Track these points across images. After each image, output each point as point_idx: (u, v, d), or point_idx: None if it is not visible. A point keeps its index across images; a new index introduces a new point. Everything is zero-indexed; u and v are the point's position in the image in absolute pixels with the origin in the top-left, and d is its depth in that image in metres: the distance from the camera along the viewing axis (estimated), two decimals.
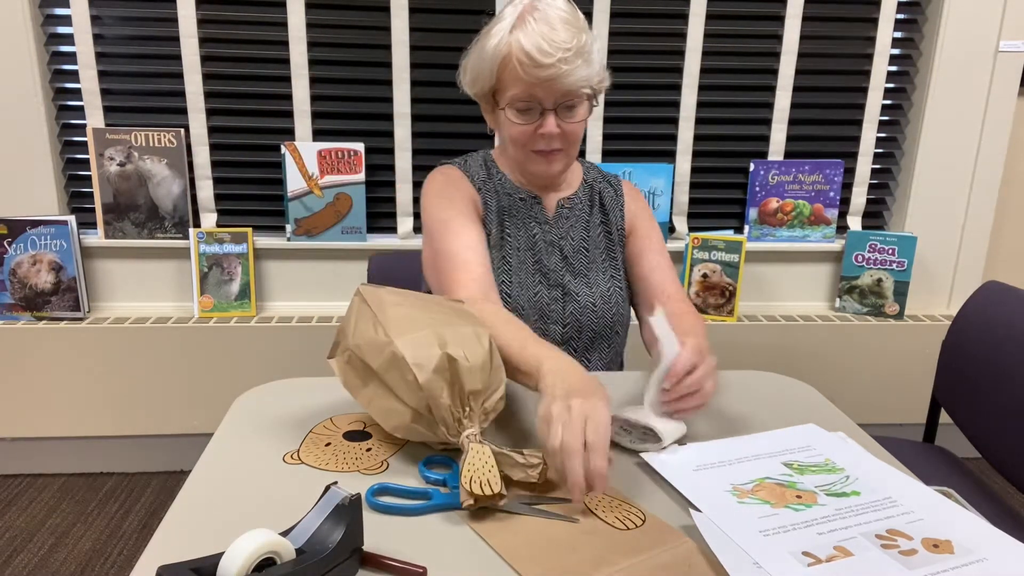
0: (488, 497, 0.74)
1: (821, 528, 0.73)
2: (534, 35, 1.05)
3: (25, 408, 2.05)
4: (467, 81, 1.17)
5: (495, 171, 1.26)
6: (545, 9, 1.08)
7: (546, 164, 1.17)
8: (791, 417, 1.01)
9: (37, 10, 1.96)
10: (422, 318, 0.88)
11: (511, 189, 1.24)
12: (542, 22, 1.06)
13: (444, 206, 1.18)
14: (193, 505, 0.77)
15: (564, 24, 1.07)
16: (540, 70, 1.06)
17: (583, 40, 1.07)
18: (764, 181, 2.22)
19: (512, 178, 1.25)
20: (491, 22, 1.13)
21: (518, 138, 1.14)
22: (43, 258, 2.03)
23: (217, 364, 2.06)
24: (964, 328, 1.40)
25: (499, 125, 1.18)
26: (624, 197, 1.31)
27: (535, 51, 1.05)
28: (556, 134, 1.12)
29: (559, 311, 1.20)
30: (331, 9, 2.04)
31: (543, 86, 1.08)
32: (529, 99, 1.10)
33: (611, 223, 1.28)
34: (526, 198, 1.24)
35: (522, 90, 1.09)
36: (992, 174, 2.24)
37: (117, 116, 2.06)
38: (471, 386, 0.83)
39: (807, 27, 2.15)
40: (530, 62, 1.05)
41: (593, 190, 1.29)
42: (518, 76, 1.08)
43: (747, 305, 2.29)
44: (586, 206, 1.28)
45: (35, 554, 1.79)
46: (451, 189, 1.21)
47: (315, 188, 2.10)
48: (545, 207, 1.25)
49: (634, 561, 0.68)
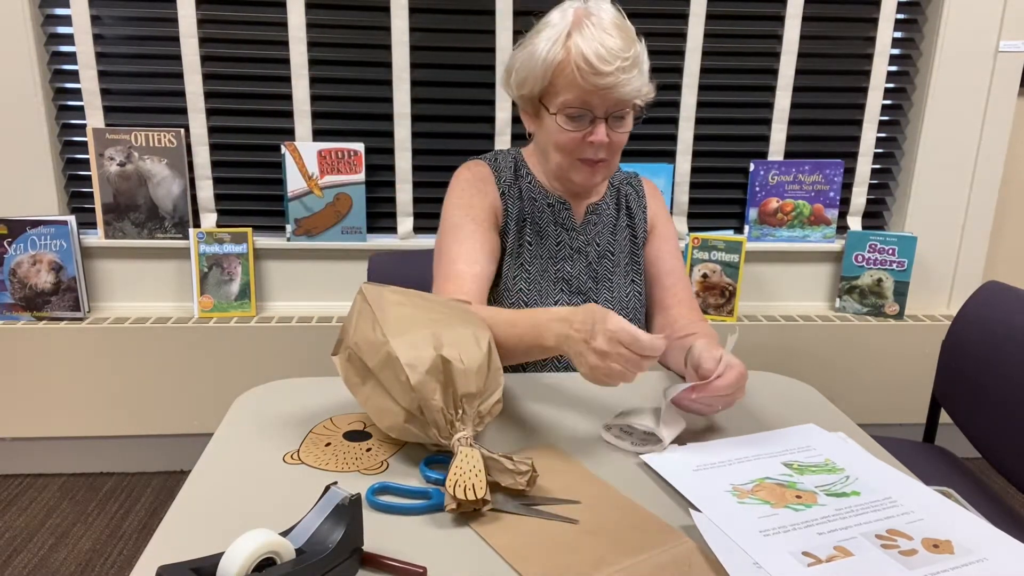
0: (472, 502, 0.74)
1: (821, 528, 0.73)
2: (592, 41, 1.03)
3: (25, 408, 2.05)
4: (515, 82, 1.14)
5: (524, 172, 1.23)
6: (601, 15, 1.06)
7: (590, 174, 1.14)
8: (791, 417, 1.01)
9: (37, 10, 1.96)
10: (421, 318, 0.88)
11: (539, 194, 1.22)
12: (599, 28, 1.04)
13: (462, 209, 1.17)
14: (193, 505, 0.77)
15: (619, 31, 1.05)
16: (599, 77, 1.04)
17: (637, 50, 1.06)
18: (764, 181, 2.22)
19: (543, 182, 1.23)
20: (539, 24, 1.11)
21: (566, 145, 1.12)
22: (43, 258, 2.03)
23: (217, 364, 2.06)
24: (964, 328, 1.40)
25: (543, 130, 1.15)
26: (646, 198, 1.30)
27: (595, 58, 1.03)
28: (605, 143, 1.10)
29: None
30: (331, 9, 2.04)
31: (599, 94, 1.06)
32: (582, 106, 1.07)
33: (636, 225, 1.28)
34: (555, 204, 1.22)
35: (576, 96, 1.07)
36: (992, 174, 2.24)
37: (117, 116, 2.06)
38: (465, 389, 0.83)
39: (807, 27, 2.15)
40: (589, 69, 1.03)
41: (620, 193, 1.28)
42: (574, 82, 1.05)
43: (747, 305, 2.29)
44: (613, 210, 1.27)
45: (35, 554, 1.79)
46: (473, 191, 1.19)
47: (315, 188, 2.10)
48: (574, 214, 1.23)
49: (634, 561, 0.68)
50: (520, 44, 1.12)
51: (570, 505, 0.78)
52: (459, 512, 0.75)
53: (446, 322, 0.88)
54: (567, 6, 1.09)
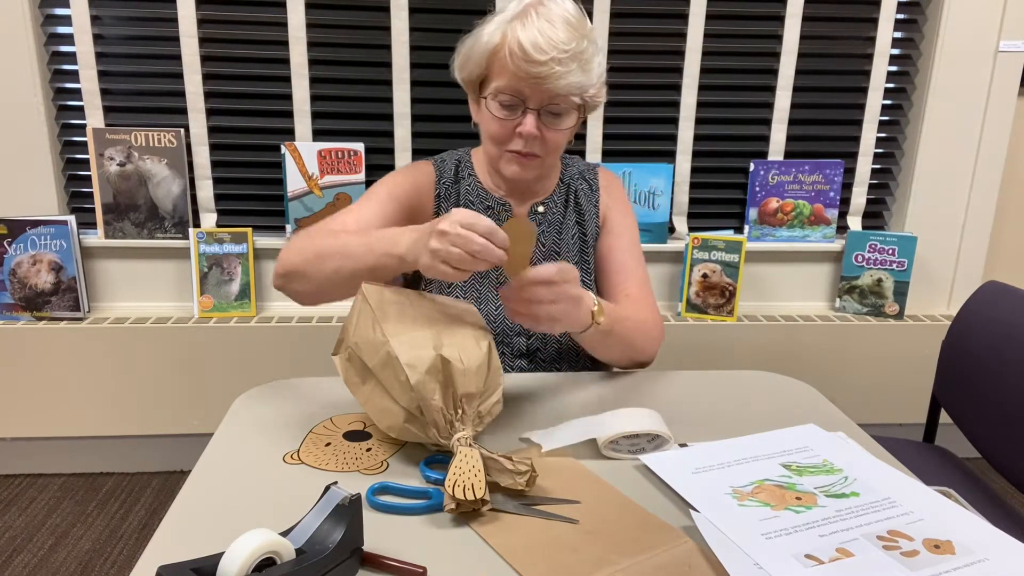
0: (471, 502, 0.74)
1: (823, 530, 0.72)
2: (532, 29, 1.01)
3: (25, 408, 2.05)
4: (457, 64, 1.13)
5: (467, 174, 1.21)
6: (551, 7, 1.04)
7: (519, 168, 1.11)
8: (791, 417, 1.01)
9: (37, 10, 1.96)
10: (421, 318, 0.88)
11: (480, 195, 1.19)
12: (544, 18, 1.02)
13: (387, 185, 1.16)
14: (193, 505, 0.77)
15: (566, 25, 1.02)
16: (530, 65, 1.01)
17: (583, 46, 1.03)
18: (764, 181, 2.22)
19: (485, 182, 1.20)
20: (495, 12, 1.10)
21: (496, 134, 1.09)
22: (43, 258, 2.03)
23: (217, 364, 2.06)
24: (964, 328, 1.40)
25: (480, 118, 1.13)
26: (600, 191, 1.25)
27: (529, 45, 1.00)
28: (534, 136, 1.06)
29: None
30: (331, 9, 2.04)
31: (530, 83, 1.03)
32: (514, 94, 1.05)
33: (586, 223, 1.23)
34: (494, 206, 1.19)
35: (508, 83, 1.05)
36: (992, 174, 2.24)
37: (117, 116, 2.06)
38: (464, 389, 0.83)
39: (807, 27, 2.15)
40: (522, 55, 1.01)
41: (569, 189, 1.23)
42: (507, 67, 1.04)
43: (747, 305, 2.29)
44: (560, 208, 1.22)
45: (35, 554, 1.79)
46: (408, 182, 1.18)
47: (315, 188, 2.10)
48: (515, 215, 1.19)
49: (634, 561, 0.68)
50: (475, 28, 1.11)
51: (570, 505, 0.78)
52: (458, 512, 0.75)
53: (446, 322, 0.88)
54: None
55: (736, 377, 1.16)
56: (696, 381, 1.14)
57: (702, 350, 2.15)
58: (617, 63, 2.11)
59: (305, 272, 1.03)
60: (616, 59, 2.11)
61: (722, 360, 2.16)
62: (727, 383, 1.13)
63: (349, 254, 0.98)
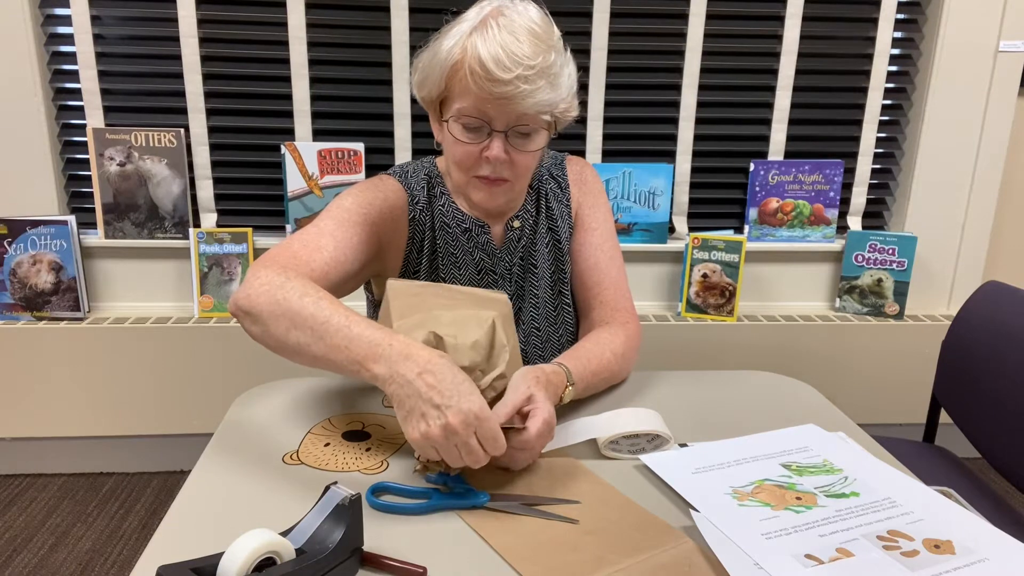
0: (438, 463, 0.79)
1: (823, 530, 0.72)
2: (493, 44, 0.91)
3: (25, 408, 2.05)
4: (415, 82, 1.02)
5: (439, 192, 1.10)
6: (513, 17, 0.93)
7: (488, 194, 1.02)
8: (791, 417, 1.01)
9: (37, 10, 1.96)
10: (431, 303, 0.90)
11: (453, 219, 1.09)
12: (506, 30, 0.91)
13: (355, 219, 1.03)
14: (193, 505, 0.77)
15: (531, 37, 0.92)
16: (494, 85, 0.91)
17: (550, 59, 0.93)
18: (764, 181, 2.22)
19: (459, 202, 1.10)
20: (453, 20, 0.98)
21: (461, 159, 1.00)
22: (43, 258, 2.03)
23: (217, 364, 2.06)
24: (964, 328, 1.40)
25: (444, 140, 1.03)
26: (570, 188, 1.16)
27: (491, 62, 0.90)
28: (503, 160, 0.98)
29: None
30: (331, 9, 2.04)
31: (495, 104, 0.93)
32: (479, 116, 0.95)
33: (559, 228, 1.15)
34: (471, 228, 1.09)
35: (471, 104, 0.94)
36: (992, 174, 2.24)
37: (117, 116, 2.06)
38: (457, 363, 0.81)
39: (807, 27, 2.14)
40: (484, 73, 0.91)
41: (540, 193, 1.15)
42: (468, 87, 0.93)
43: (747, 305, 2.29)
44: (533, 217, 1.14)
45: (35, 554, 1.79)
46: (379, 206, 1.05)
47: (315, 188, 2.10)
48: (492, 235, 1.11)
49: (634, 561, 0.68)
50: (431, 39, 1.00)
51: (570, 505, 0.78)
52: (424, 473, 0.82)
53: (453, 306, 0.90)
54: (485, 3, 0.97)
55: (736, 377, 1.16)
56: (696, 381, 1.14)
57: (702, 350, 2.15)
58: (617, 63, 2.11)
59: (267, 327, 0.86)
60: (616, 59, 2.11)
61: (722, 360, 2.16)
62: (727, 383, 1.13)
63: (322, 336, 0.82)
